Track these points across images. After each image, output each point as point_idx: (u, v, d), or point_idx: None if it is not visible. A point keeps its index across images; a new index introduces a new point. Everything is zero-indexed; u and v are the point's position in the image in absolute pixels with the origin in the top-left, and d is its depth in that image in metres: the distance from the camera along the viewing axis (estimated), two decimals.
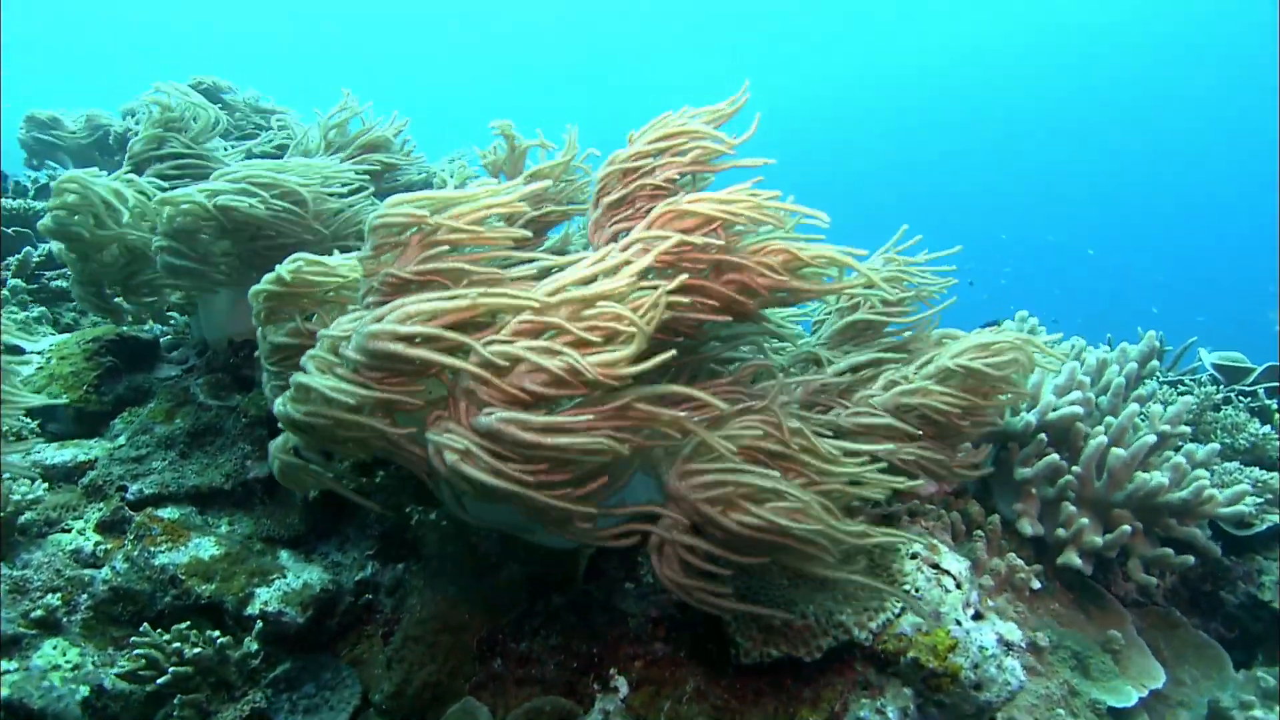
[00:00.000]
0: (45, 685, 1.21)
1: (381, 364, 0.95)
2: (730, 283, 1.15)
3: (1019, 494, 2.00)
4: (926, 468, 1.58)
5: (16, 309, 2.24)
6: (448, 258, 1.02)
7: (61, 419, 1.90)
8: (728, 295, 1.17)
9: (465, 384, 0.95)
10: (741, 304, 1.19)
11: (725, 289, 1.14)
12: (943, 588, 1.34)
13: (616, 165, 1.36)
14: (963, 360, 1.41)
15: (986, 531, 1.91)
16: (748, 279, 1.16)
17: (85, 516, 1.57)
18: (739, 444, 1.06)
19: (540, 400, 0.93)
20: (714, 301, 1.16)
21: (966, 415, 1.54)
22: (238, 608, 1.45)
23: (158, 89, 2.05)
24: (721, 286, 1.14)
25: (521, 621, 1.40)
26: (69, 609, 1.40)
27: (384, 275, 1.01)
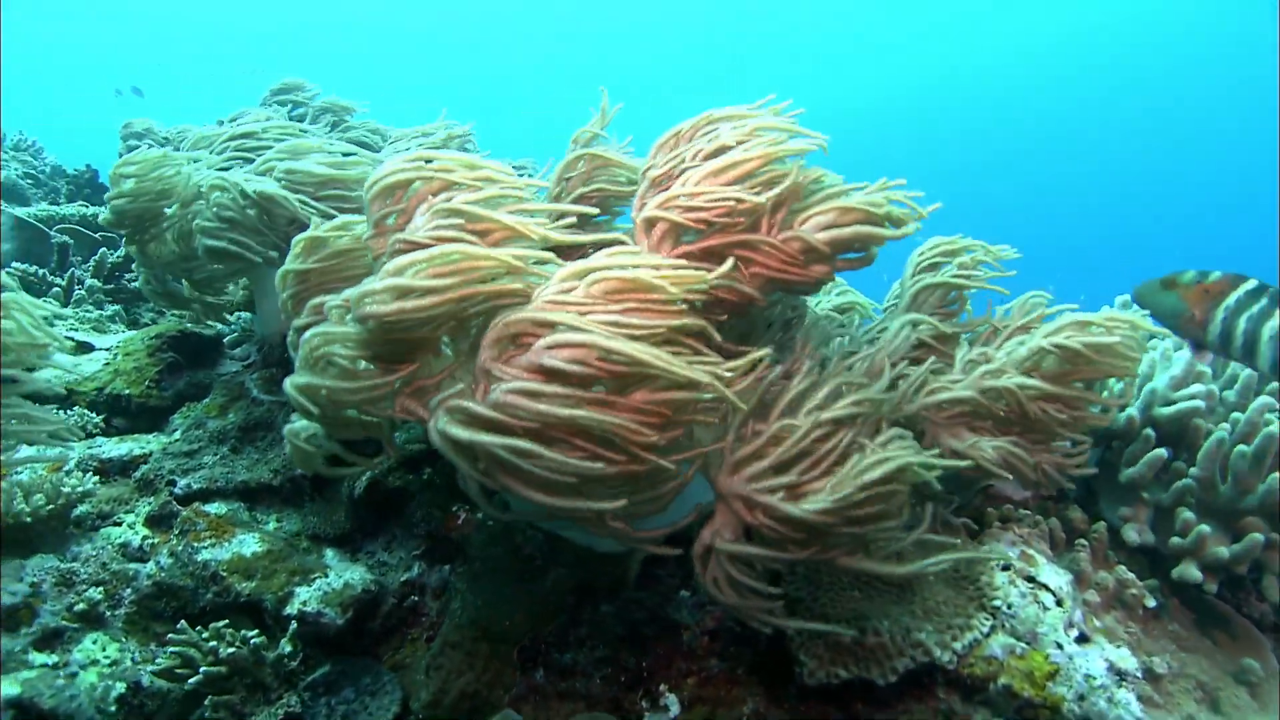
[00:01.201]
0: (58, 684, 1.18)
1: (381, 333, 0.86)
2: (785, 245, 1.00)
3: (1127, 498, 1.78)
4: (1016, 467, 1.39)
5: (92, 308, 2.31)
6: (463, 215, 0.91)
7: (127, 413, 1.92)
8: (783, 260, 1.02)
9: (481, 361, 0.86)
10: (800, 273, 1.04)
11: (781, 252, 1.00)
12: (1040, 604, 1.17)
13: (665, 138, 1.25)
14: (1059, 339, 1.22)
15: (1090, 540, 1.70)
16: (807, 240, 1.01)
17: (136, 510, 1.56)
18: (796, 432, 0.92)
19: (564, 380, 0.82)
20: (768, 268, 1.02)
21: (1064, 406, 1.35)
22: (277, 607, 1.41)
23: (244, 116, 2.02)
24: (777, 249, 1.00)
25: (566, 630, 1.30)
26: (113, 603, 1.38)
27: (394, 243, 0.93)
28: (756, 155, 0.99)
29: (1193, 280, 1.32)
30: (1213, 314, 1.30)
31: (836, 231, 1.02)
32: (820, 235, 1.02)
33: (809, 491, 0.88)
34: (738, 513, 0.91)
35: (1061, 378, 1.36)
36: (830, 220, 1.02)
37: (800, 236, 1.00)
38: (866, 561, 0.89)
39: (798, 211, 1.05)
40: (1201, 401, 1.65)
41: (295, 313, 1.15)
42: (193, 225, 1.56)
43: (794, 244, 1.00)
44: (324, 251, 1.19)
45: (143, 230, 1.73)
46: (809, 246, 1.01)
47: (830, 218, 1.02)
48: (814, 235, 1.01)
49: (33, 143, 5.75)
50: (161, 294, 1.85)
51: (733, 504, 0.94)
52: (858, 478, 0.86)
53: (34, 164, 5.29)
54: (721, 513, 0.94)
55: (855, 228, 1.01)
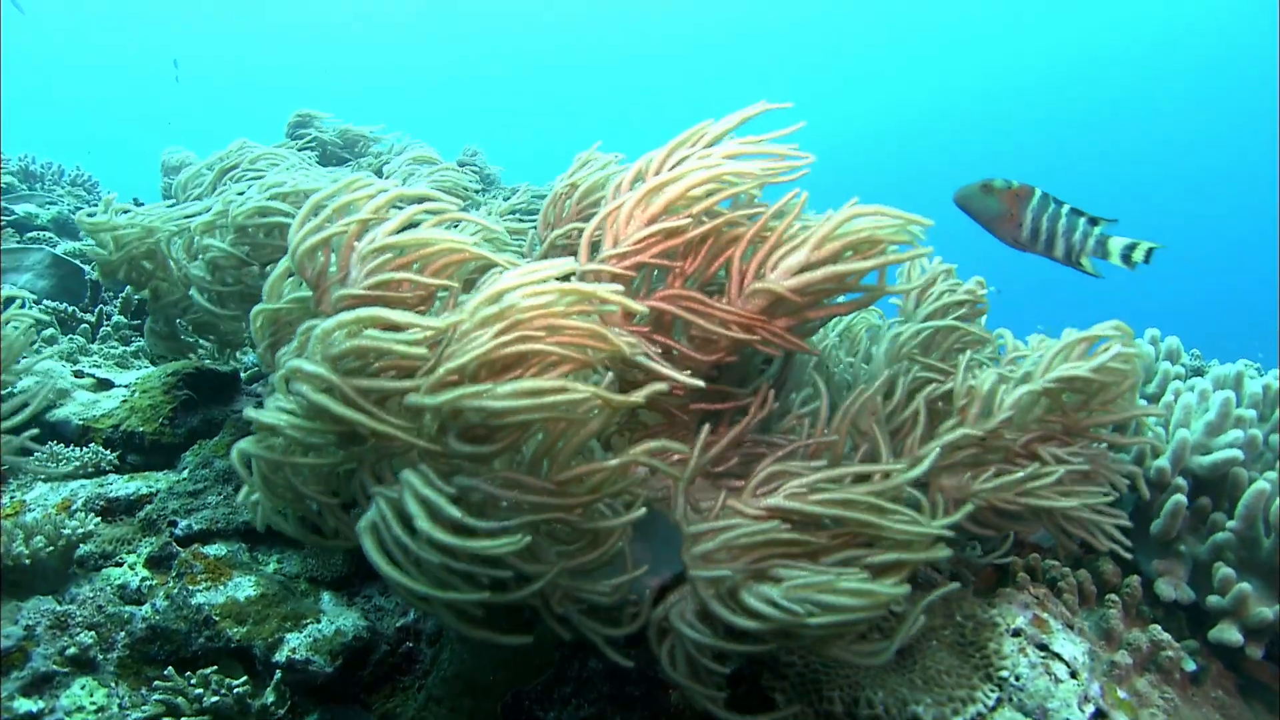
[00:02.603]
0: None
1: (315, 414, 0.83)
2: (743, 308, 0.95)
3: (1161, 550, 1.67)
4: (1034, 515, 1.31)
5: (118, 344, 2.36)
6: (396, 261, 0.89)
7: (141, 449, 1.94)
8: (743, 323, 0.96)
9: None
10: (769, 332, 0.98)
11: (739, 316, 0.94)
12: (1052, 676, 1.09)
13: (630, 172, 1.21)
14: (1058, 374, 1.14)
15: (1122, 595, 1.60)
16: (773, 290, 0.95)
17: (138, 551, 1.57)
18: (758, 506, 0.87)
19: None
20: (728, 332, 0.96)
21: (1081, 445, 1.27)
22: (266, 653, 1.39)
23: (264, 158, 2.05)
24: (733, 313, 0.94)
25: (551, 687, 1.25)
26: (105, 646, 1.38)
27: (337, 300, 0.91)
28: (692, 181, 0.93)
29: (1004, 185, 1.55)
30: (1024, 214, 1.54)
31: (807, 276, 0.96)
32: (789, 282, 0.97)
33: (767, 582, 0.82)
34: (697, 590, 0.86)
35: (1069, 411, 1.29)
36: (802, 260, 0.96)
37: (765, 289, 0.95)
38: (837, 649, 0.83)
39: (776, 249, 1.00)
40: (1240, 451, 1.55)
41: (271, 364, 1.13)
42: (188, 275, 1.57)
43: (756, 300, 0.95)
44: (291, 294, 1.16)
45: (142, 278, 1.75)
46: (777, 298, 0.96)
47: (801, 257, 0.96)
48: (781, 284, 0.96)
49: (88, 177, 5.99)
50: (165, 336, 1.87)
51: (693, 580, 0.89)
52: (821, 593, 0.80)
53: (88, 198, 5.51)
54: (689, 584, 0.89)
55: (827, 268, 0.95)
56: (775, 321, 1.12)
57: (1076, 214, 1.55)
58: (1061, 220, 1.54)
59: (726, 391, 1.20)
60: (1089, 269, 1.58)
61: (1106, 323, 1.28)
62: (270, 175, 1.46)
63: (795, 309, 1.04)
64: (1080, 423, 1.36)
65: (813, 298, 0.99)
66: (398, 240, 0.87)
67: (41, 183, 5.66)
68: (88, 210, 1.71)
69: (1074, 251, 1.55)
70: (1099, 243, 1.56)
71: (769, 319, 0.98)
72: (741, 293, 1.03)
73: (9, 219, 3.60)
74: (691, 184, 0.96)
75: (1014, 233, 1.57)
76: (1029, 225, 1.55)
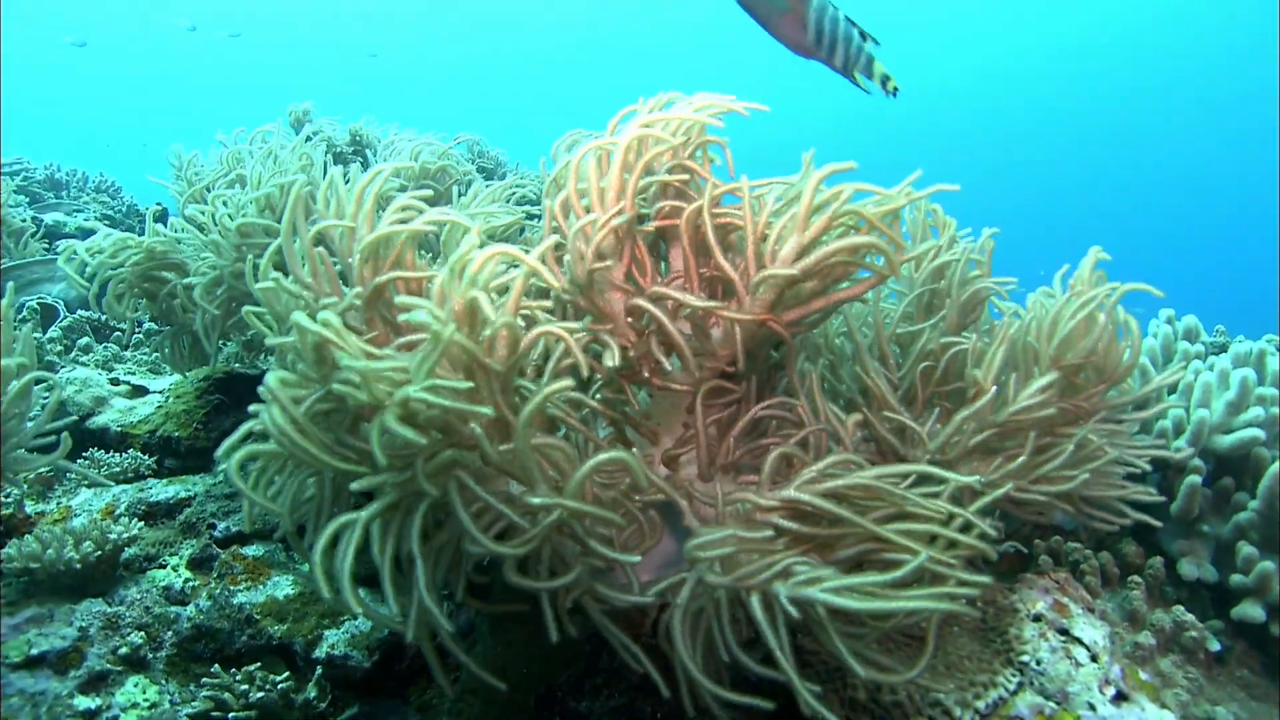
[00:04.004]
0: None
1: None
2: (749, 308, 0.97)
3: (1183, 530, 1.68)
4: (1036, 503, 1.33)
5: (150, 350, 2.43)
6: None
7: (177, 454, 2.01)
8: (751, 326, 0.98)
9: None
10: (777, 325, 1.00)
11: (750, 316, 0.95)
12: (1072, 660, 1.10)
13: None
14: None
15: (1145, 577, 1.61)
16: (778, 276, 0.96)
17: (179, 553, 1.63)
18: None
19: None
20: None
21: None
22: (306, 650, 1.44)
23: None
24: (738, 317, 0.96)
25: (583, 678, 1.29)
26: (154, 645, 1.44)
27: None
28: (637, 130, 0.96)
29: None
30: (808, 13, 1.54)
31: (808, 259, 0.98)
32: (791, 269, 0.99)
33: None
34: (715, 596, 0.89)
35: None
36: (800, 243, 0.99)
37: (772, 276, 0.98)
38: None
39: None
40: (1262, 431, 1.54)
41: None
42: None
43: (764, 295, 0.98)
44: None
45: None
46: (784, 286, 0.98)
47: (794, 242, 0.98)
48: (781, 270, 0.98)
49: (111, 183, 6.09)
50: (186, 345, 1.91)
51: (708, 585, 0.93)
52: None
53: (111, 204, 5.61)
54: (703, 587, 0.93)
55: (825, 249, 0.97)
56: (787, 314, 1.14)
57: (850, 22, 1.55)
58: (841, 25, 1.54)
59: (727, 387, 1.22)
60: (861, 84, 1.61)
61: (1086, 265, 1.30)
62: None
63: (805, 295, 1.07)
64: (1098, 404, 1.37)
65: (819, 279, 1.03)
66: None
67: (67, 190, 5.77)
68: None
69: (850, 63, 1.56)
70: (868, 60, 1.57)
71: (776, 308, 1.01)
72: (749, 290, 1.06)
73: (41, 229, 3.69)
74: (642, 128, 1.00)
75: (798, 34, 1.56)
76: (813, 26, 1.54)
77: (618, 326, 1.15)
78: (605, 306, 1.15)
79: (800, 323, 1.17)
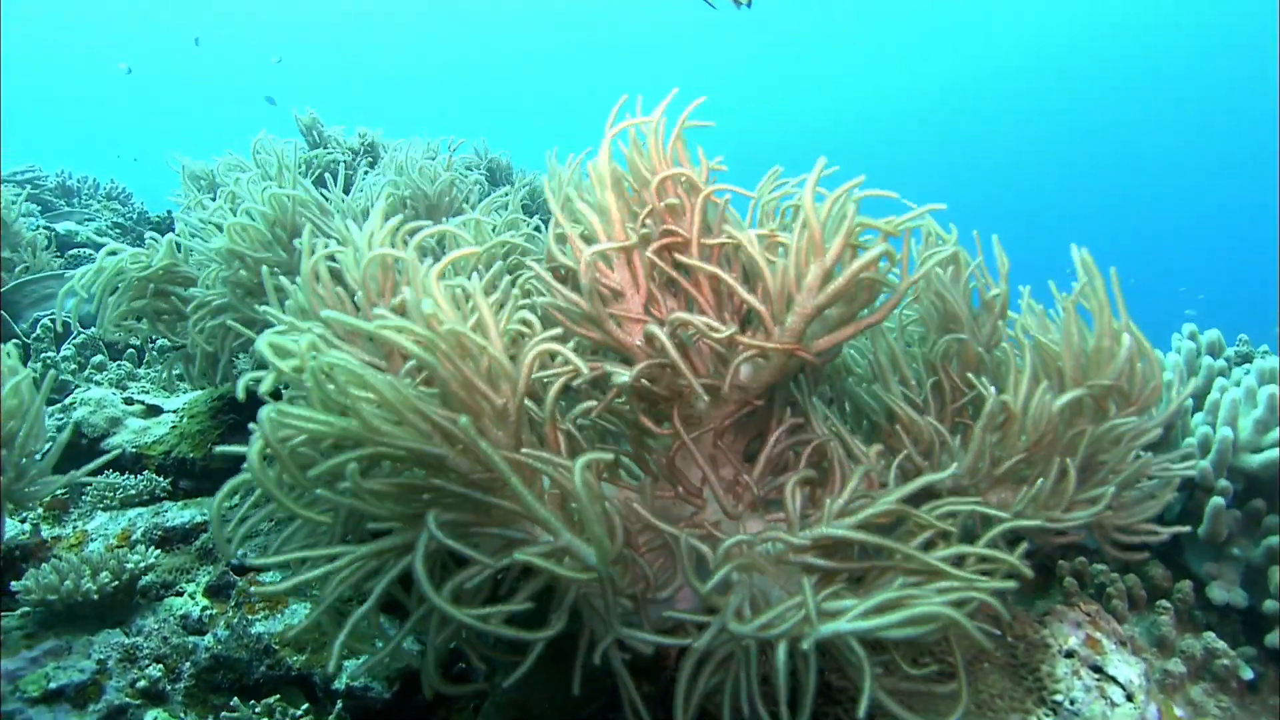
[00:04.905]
0: None
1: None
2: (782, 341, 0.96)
3: (1213, 552, 1.65)
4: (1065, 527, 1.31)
5: (162, 368, 2.42)
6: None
7: (191, 475, 2.00)
8: (782, 360, 0.97)
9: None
10: (806, 354, 0.99)
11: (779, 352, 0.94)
12: (1107, 700, 1.08)
13: None
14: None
15: (1174, 601, 1.58)
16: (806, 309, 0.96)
17: (197, 580, 1.62)
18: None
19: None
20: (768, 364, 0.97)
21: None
22: (326, 681, 1.43)
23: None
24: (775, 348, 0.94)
25: (605, 713, 1.28)
26: (173, 677, 1.43)
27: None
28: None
29: None
30: None
31: (834, 286, 0.97)
32: (815, 301, 0.98)
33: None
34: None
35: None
36: (824, 268, 0.99)
37: (799, 311, 0.98)
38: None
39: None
40: None
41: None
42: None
43: (794, 325, 0.97)
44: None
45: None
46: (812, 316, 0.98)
47: (816, 270, 0.98)
48: (809, 303, 0.97)
49: (122, 189, 6.11)
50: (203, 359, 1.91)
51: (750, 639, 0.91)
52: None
53: (122, 211, 5.62)
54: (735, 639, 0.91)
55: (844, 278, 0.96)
56: (817, 343, 1.12)
57: None
58: None
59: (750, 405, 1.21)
60: (712, 2, 1.62)
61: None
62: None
63: (833, 322, 1.06)
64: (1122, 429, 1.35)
65: (845, 305, 1.03)
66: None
67: (79, 197, 5.78)
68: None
69: None
70: None
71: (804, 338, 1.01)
72: (777, 321, 1.04)
73: (53, 241, 3.69)
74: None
75: None
76: None
77: (637, 360, 1.13)
78: (625, 341, 1.13)
79: (828, 351, 1.15)
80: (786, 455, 1.19)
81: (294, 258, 1.84)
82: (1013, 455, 1.27)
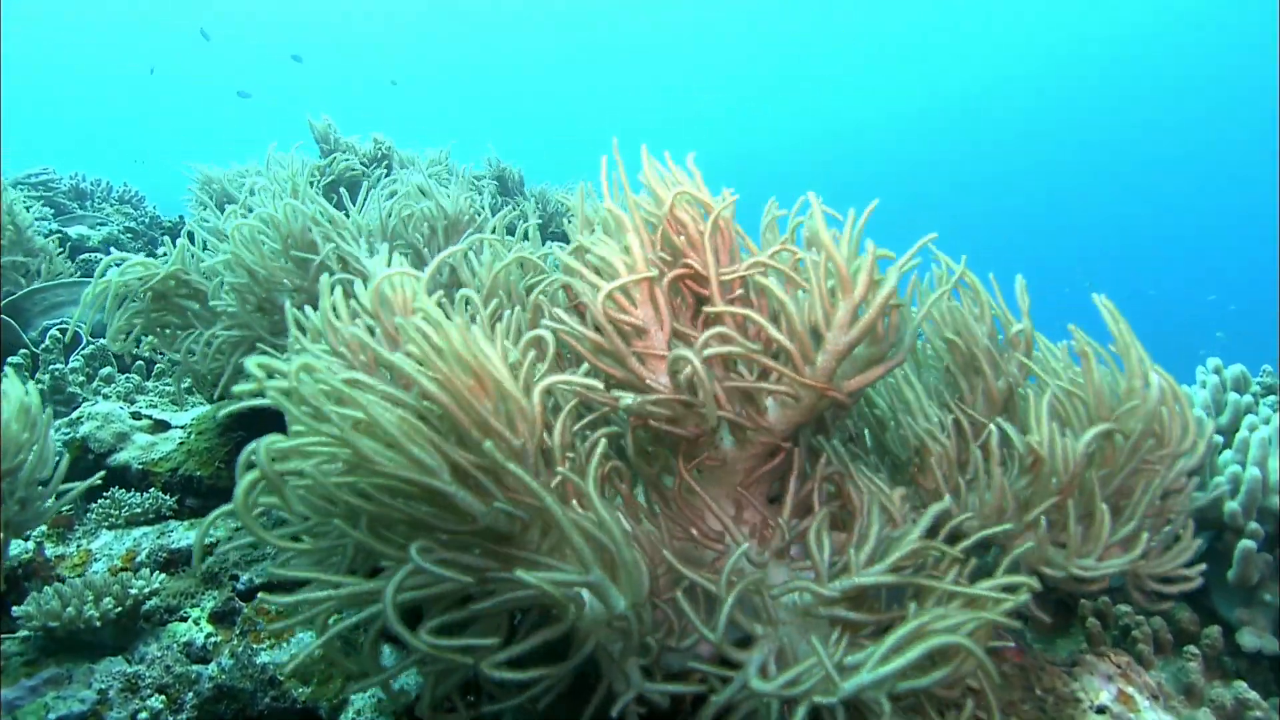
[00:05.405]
0: None
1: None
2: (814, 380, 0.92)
3: (1243, 597, 1.61)
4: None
5: (171, 381, 2.40)
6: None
7: (199, 493, 1.97)
8: (812, 400, 0.94)
9: None
10: (834, 392, 0.96)
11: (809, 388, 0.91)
12: None
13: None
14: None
15: (1202, 647, 1.54)
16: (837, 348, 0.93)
17: (201, 605, 1.59)
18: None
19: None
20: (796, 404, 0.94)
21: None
22: (332, 714, 1.40)
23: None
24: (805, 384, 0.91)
25: None
26: (175, 708, 1.39)
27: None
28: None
29: None
30: None
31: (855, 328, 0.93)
32: (847, 338, 0.95)
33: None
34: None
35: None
36: (853, 304, 0.96)
37: (830, 349, 0.95)
38: None
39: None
40: None
41: None
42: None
43: (825, 367, 0.94)
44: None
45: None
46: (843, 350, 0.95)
47: (845, 307, 0.95)
48: (840, 340, 0.94)
49: (135, 193, 6.11)
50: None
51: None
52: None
53: (134, 215, 5.62)
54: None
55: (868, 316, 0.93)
56: (848, 383, 1.09)
57: None
58: None
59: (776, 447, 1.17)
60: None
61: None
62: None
63: (862, 362, 1.03)
64: (1154, 468, 1.31)
65: (873, 343, 1.01)
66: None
67: (91, 200, 5.79)
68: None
69: None
70: None
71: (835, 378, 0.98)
72: (807, 360, 1.01)
73: (66, 247, 3.68)
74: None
75: None
76: None
77: (662, 398, 1.10)
78: (648, 379, 1.10)
79: (858, 392, 1.12)
80: (810, 499, 1.15)
81: (309, 273, 1.82)
82: (1045, 499, 1.24)
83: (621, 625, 0.95)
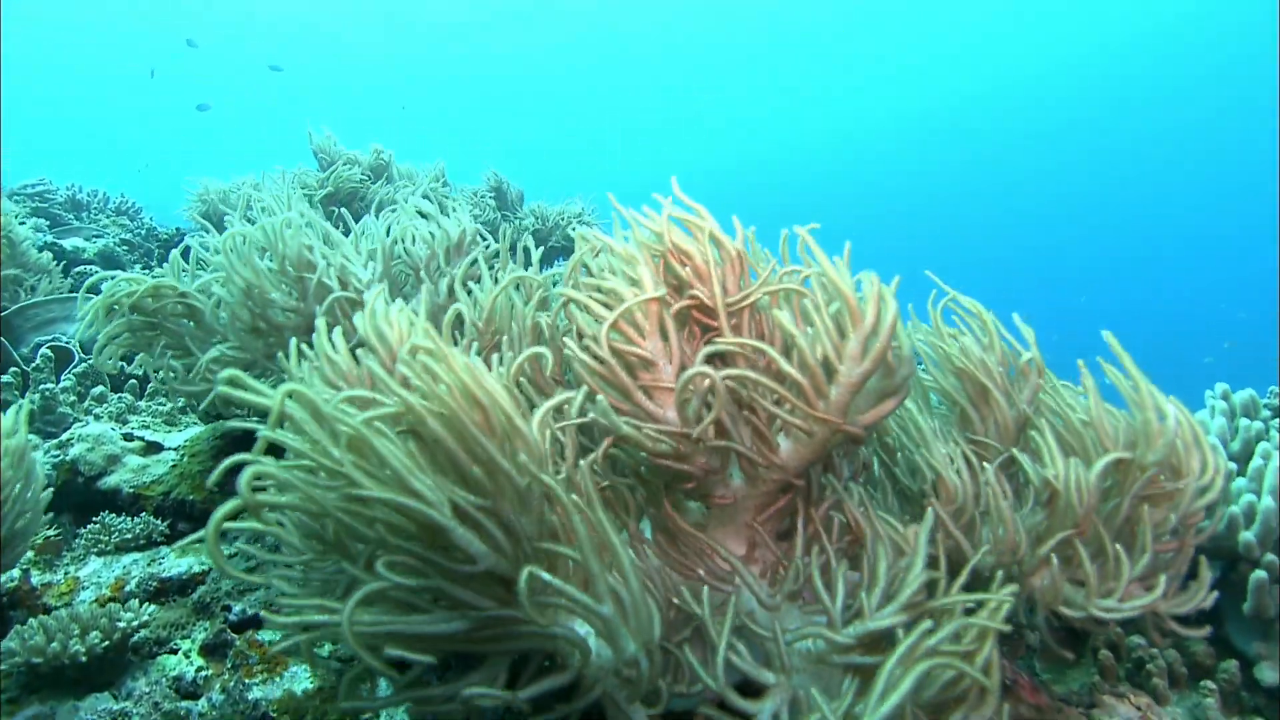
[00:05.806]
0: None
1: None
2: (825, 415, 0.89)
3: (1260, 629, 1.57)
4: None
5: (165, 400, 2.35)
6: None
7: (191, 518, 1.93)
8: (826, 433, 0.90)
9: None
10: (848, 427, 0.93)
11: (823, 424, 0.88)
12: None
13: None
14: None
15: (1219, 682, 1.50)
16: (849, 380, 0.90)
17: (192, 636, 1.54)
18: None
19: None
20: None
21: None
22: None
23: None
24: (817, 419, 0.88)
25: None
26: None
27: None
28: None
29: None
30: None
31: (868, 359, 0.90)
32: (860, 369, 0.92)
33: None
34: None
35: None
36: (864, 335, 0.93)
37: (843, 382, 0.92)
38: None
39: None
40: None
41: None
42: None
43: (838, 401, 0.91)
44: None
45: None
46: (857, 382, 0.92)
47: (857, 339, 0.92)
48: (854, 372, 0.91)
49: (132, 204, 6.07)
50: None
51: None
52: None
53: (131, 226, 5.58)
54: None
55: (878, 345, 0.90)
56: (863, 417, 1.06)
57: None
58: None
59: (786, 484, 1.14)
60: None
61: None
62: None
63: (874, 395, 1.00)
64: (1167, 495, 1.28)
65: (884, 376, 0.98)
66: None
67: (88, 211, 5.75)
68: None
69: None
70: None
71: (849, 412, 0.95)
72: (820, 395, 0.98)
73: (59, 256, 3.64)
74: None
75: None
76: None
77: (665, 429, 1.06)
78: (655, 413, 1.06)
79: (871, 427, 1.08)
80: (820, 537, 1.12)
81: (306, 292, 1.79)
82: (1058, 532, 1.20)
83: (630, 674, 0.91)
